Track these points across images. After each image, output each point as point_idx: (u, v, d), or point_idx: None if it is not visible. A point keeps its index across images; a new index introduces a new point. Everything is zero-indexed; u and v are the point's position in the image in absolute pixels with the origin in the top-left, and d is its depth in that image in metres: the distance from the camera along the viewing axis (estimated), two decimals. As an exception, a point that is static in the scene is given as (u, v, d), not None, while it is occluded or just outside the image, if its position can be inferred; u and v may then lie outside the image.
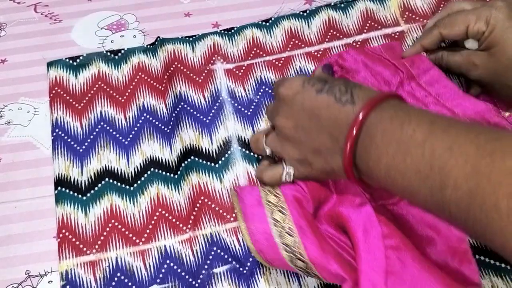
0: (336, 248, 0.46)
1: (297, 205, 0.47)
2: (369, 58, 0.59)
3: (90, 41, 0.65)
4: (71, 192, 0.54)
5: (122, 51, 0.63)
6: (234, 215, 0.53)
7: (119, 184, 0.55)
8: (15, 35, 0.66)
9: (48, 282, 0.50)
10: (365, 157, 0.41)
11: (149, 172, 0.55)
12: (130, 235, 0.52)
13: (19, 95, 0.61)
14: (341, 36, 0.64)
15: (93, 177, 0.55)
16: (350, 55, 0.59)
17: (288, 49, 0.63)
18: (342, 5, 0.66)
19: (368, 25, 0.65)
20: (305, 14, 0.66)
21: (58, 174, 0.55)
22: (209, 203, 0.53)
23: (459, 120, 0.39)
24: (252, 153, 0.56)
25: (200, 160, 0.55)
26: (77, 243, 0.51)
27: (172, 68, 0.61)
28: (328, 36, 0.64)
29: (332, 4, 0.67)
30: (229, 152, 0.56)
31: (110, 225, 0.52)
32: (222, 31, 0.65)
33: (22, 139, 0.58)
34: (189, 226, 0.52)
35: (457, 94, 0.55)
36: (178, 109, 0.58)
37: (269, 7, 0.68)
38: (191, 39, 0.64)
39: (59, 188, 0.54)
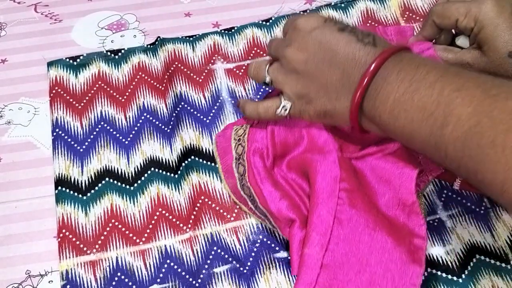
0: (289, 191, 0.49)
1: (254, 157, 0.51)
2: None
3: (90, 41, 0.65)
4: (72, 192, 0.54)
5: (123, 51, 0.63)
6: (234, 214, 0.53)
7: (119, 183, 0.55)
8: (15, 35, 0.66)
9: (49, 282, 0.50)
10: (374, 95, 0.42)
11: (149, 172, 0.55)
12: (131, 235, 0.52)
13: (19, 95, 0.61)
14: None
15: (93, 177, 0.55)
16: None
17: (288, 48, 0.63)
18: (343, 5, 0.66)
19: (368, 24, 0.65)
20: (305, 14, 0.66)
21: (58, 173, 0.55)
22: (210, 202, 0.53)
23: (470, 71, 0.41)
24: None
25: (201, 160, 0.55)
26: (78, 242, 0.51)
27: (172, 68, 0.61)
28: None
29: (333, 4, 0.67)
30: (229, 151, 0.56)
31: (110, 224, 0.52)
32: (223, 31, 0.65)
33: (22, 139, 0.58)
34: (189, 225, 0.52)
35: None
36: (178, 109, 0.58)
37: (269, 7, 0.68)
38: (191, 38, 0.64)
39: (59, 187, 0.54)
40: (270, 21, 0.65)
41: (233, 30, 0.65)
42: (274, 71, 0.49)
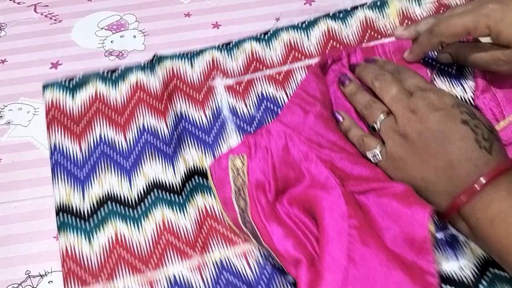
0: (293, 228, 0.48)
1: (257, 191, 0.49)
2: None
3: (90, 41, 0.65)
4: (74, 220, 0.52)
5: (119, 70, 0.61)
6: (242, 237, 0.51)
7: (122, 209, 0.53)
8: (15, 35, 0.66)
9: (48, 282, 0.50)
10: (477, 199, 0.43)
11: (153, 195, 0.54)
12: (137, 263, 0.50)
13: (19, 95, 0.61)
14: (341, 47, 0.63)
15: (95, 203, 0.53)
16: (356, 59, 0.60)
17: (289, 62, 0.62)
18: (341, 15, 0.65)
19: (368, 34, 0.64)
20: (303, 25, 0.65)
21: (59, 201, 0.53)
22: (217, 226, 0.52)
23: None
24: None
25: (205, 182, 0.54)
26: (83, 274, 0.50)
27: (171, 86, 0.60)
28: (329, 47, 0.63)
29: (331, 14, 0.65)
30: (234, 171, 0.55)
31: (115, 253, 0.51)
32: (220, 46, 0.63)
33: (22, 139, 0.58)
34: (197, 250, 0.51)
35: None
36: (179, 128, 0.57)
37: (269, 7, 0.67)
38: (189, 55, 0.62)
39: (61, 216, 0.52)
40: (269, 34, 0.64)
41: (231, 45, 0.63)
42: (386, 124, 0.51)
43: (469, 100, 0.59)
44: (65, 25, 0.67)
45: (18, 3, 0.69)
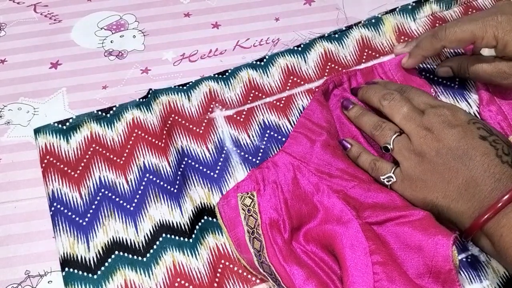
0: (313, 267, 0.46)
1: (272, 231, 0.48)
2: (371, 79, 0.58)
3: (90, 41, 0.65)
4: (80, 272, 0.50)
5: (114, 108, 0.59)
6: (260, 276, 0.49)
7: (130, 256, 0.51)
8: (15, 35, 0.66)
9: (48, 282, 0.50)
10: (503, 214, 0.42)
11: (161, 239, 0.51)
12: (152, 314, 0.48)
13: (19, 95, 0.61)
14: (340, 69, 0.62)
15: (101, 252, 0.51)
16: (357, 82, 0.59)
17: (288, 87, 0.61)
18: (337, 36, 0.64)
19: (365, 54, 0.63)
20: (299, 48, 0.63)
21: (63, 253, 0.50)
22: (231, 266, 0.50)
23: None
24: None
25: (215, 220, 0.52)
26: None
27: (170, 122, 0.58)
28: (327, 70, 0.62)
29: (326, 35, 0.64)
30: (243, 206, 0.53)
31: (128, 305, 0.48)
32: (216, 75, 0.61)
33: (22, 139, 0.58)
34: (213, 294, 0.48)
35: None
36: (182, 165, 0.55)
37: (269, 7, 0.68)
38: (185, 87, 0.60)
39: (66, 269, 0.50)
40: (264, 60, 0.62)
41: (227, 74, 0.62)
42: (400, 142, 0.49)
43: (475, 115, 0.58)
44: (65, 25, 0.67)
45: (18, 3, 0.69)
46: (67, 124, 0.58)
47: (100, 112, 0.59)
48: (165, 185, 0.54)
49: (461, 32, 0.51)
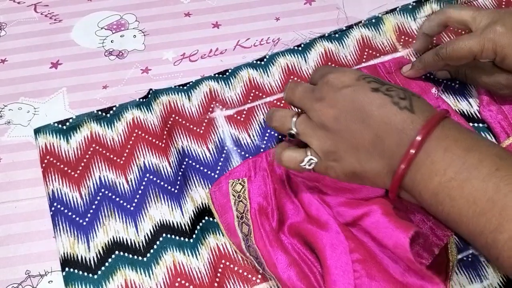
0: (296, 258, 0.47)
1: (260, 217, 0.48)
2: None
3: (90, 41, 0.66)
4: (81, 272, 0.50)
5: (114, 108, 0.59)
6: (260, 276, 0.49)
7: (130, 256, 0.51)
8: (15, 35, 0.66)
9: (48, 282, 0.50)
10: (415, 170, 0.40)
11: (161, 239, 0.51)
12: (153, 314, 0.48)
13: (19, 95, 0.61)
14: (341, 68, 0.62)
15: (101, 252, 0.51)
16: None
17: (288, 87, 0.60)
18: (337, 35, 0.64)
19: (366, 53, 0.63)
20: (300, 48, 0.63)
21: (64, 253, 0.50)
22: (232, 266, 0.50)
23: None
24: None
25: (215, 220, 0.52)
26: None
27: (170, 122, 0.58)
28: (327, 69, 0.61)
29: (326, 35, 0.64)
30: (243, 206, 0.53)
31: (129, 305, 0.48)
32: (216, 75, 0.61)
33: (22, 139, 0.58)
34: (214, 294, 0.48)
35: None
36: (183, 166, 0.55)
37: (269, 7, 0.68)
38: (185, 87, 0.60)
39: (66, 269, 0.50)
40: (265, 59, 0.62)
41: (227, 73, 0.61)
42: (301, 123, 0.46)
43: (476, 114, 0.58)
44: (65, 24, 0.67)
45: (18, 3, 0.69)
46: (67, 124, 0.58)
47: (100, 112, 0.59)
48: (166, 185, 0.54)
49: (460, 50, 0.51)
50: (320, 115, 0.44)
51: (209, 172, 0.55)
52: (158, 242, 0.51)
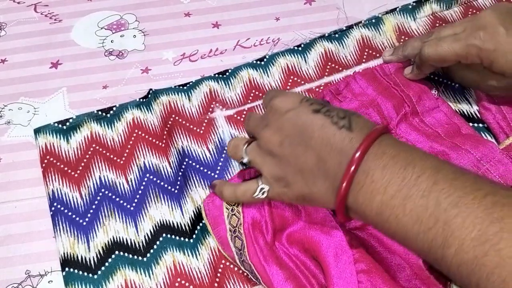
0: (294, 270, 0.46)
1: (254, 231, 0.47)
2: (376, 87, 0.57)
3: (90, 41, 0.66)
4: (81, 272, 0.50)
5: (114, 108, 0.59)
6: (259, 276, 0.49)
7: (130, 256, 0.51)
8: (15, 35, 0.66)
9: (48, 282, 0.49)
10: (356, 189, 0.39)
11: (161, 239, 0.51)
12: (153, 314, 0.48)
13: (19, 95, 0.61)
14: (340, 68, 0.62)
15: (101, 252, 0.51)
16: (358, 84, 0.58)
17: (288, 87, 0.61)
18: (337, 36, 0.64)
19: (366, 53, 0.63)
20: (300, 48, 0.63)
21: (64, 253, 0.50)
22: (232, 266, 0.50)
23: (463, 170, 0.37)
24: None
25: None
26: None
27: (170, 122, 0.58)
28: (327, 70, 0.62)
29: (326, 35, 0.64)
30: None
31: (129, 305, 0.48)
32: (216, 75, 0.61)
33: (22, 139, 0.58)
34: (214, 294, 0.48)
35: (456, 134, 0.54)
36: (183, 166, 0.55)
37: (269, 7, 0.68)
38: (185, 87, 0.60)
39: (66, 269, 0.50)
40: (265, 60, 0.62)
41: (227, 74, 0.61)
42: (252, 151, 0.46)
43: (475, 114, 0.58)
44: (65, 24, 0.67)
45: (18, 3, 0.69)
46: (67, 124, 0.58)
47: (100, 112, 0.59)
48: (166, 185, 0.54)
49: (443, 53, 0.51)
50: (267, 142, 0.44)
51: (209, 172, 0.55)
52: (158, 242, 0.51)
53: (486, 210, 0.34)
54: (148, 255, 0.51)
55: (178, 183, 0.54)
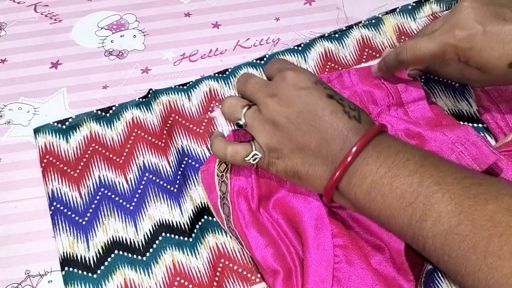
0: (275, 237, 0.47)
1: (238, 198, 0.49)
2: (367, 84, 0.57)
3: (90, 41, 0.66)
4: (80, 271, 0.50)
5: (113, 108, 0.59)
6: (259, 275, 0.49)
7: (130, 255, 0.51)
8: (15, 35, 0.66)
9: (48, 282, 0.49)
10: (351, 173, 0.42)
11: (160, 238, 0.51)
12: (152, 313, 0.48)
13: (19, 95, 0.61)
14: (340, 68, 0.62)
15: (101, 251, 0.51)
16: (350, 78, 0.58)
17: (288, 87, 0.60)
18: (337, 35, 0.64)
19: (366, 53, 0.63)
20: (300, 48, 0.63)
21: (63, 253, 0.50)
22: (231, 265, 0.50)
23: (448, 160, 0.43)
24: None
25: (215, 219, 0.52)
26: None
27: (170, 121, 0.58)
28: (327, 69, 0.61)
29: (326, 35, 0.64)
30: (243, 206, 0.53)
31: (128, 304, 0.48)
32: (216, 75, 0.61)
33: (22, 139, 0.58)
34: (213, 293, 0.48)
35: (438, 126, 0.54)
36: (183, 165, 0.55)
37: (269, 7, 0.68)
38: (185, 87, 0.60)
39: (66, 268, 0.50)
40: (264, 59, 0.62)
41: (227, 73, 0.61)
42: (251, 116, 0.46)
43: (475, 114, 0.58)
44: (65, 24, 0.67)
45: (18, 3, 0.69)
46: (67, 123, 0.58)
47: (99, 112, 0.59)
48: (165, 184, 0.54)
49: (422, 53, 0.51)
50: (272, 110, 0.44)
51: (208, 172, 0.55)
52: (157, 242, 0.51)
53: (464, 188, 0.38)
54: (148, 254, 0.51)
55: (178, 182, 0.54)
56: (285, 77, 0.45)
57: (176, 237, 0.51)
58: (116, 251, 0.51)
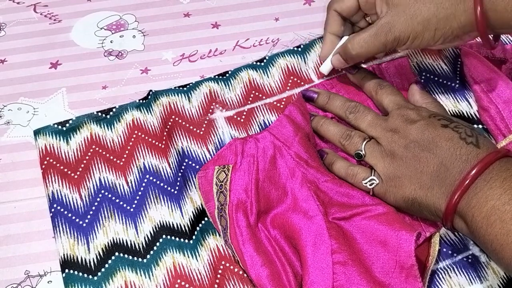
0: (271, 255, 0.47)
1: (237, 212, 0.48)
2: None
3: (89, 41, 0.66)
4: (80, 274, 0.50)
5: (114, 110, 0.59)
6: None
7: (130, 257, 0.51)
8: (15, 35, 0.66)
9: (48, 282, 0.49)
10: (471, 195, 0.42)
11: (161, 240, 0.51)
12: (153, 316, 0.48)
13: (19, 95, 0.61)
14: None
15: (101, 254, 0.51)
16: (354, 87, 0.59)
17: (288, 88, 0.61)
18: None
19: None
20: (299, 49, 0.63)
21: (64, 255, 0.50)
22: (232, 267, 0.50)
23: None
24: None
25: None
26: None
27: (170, 123, 0.58)
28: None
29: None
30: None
31: (128, 306, 0.48)
32: (217, 76, 0.61)
33: (22, 139, 0.58)
34: (214, 296, 0.48)
35: None
36: (183, 167, 0.55)
37: (269, 7, 0.68)
38: (185, 89, 0.60)
39: (66, 270, 0.50)
40: (265, 60, 0.62)
41: (227, 75, 0.61)
42: (370, 148, 0.51)
43: (475, 115, 0.58)
44: (64, 25, 0.67)
45: (18, 3, 0.69)
46: (67, 125, 0.58)
47: (100, 113, 0.59)
48: (165, 186, 0.54)
49: (368, 52, 0.54)
50: (391, 142, 0.49)
51: (209, 173, 0.55)
52: (158, 244, 0.51)
53: None
54: (148, 256, 0.51)
55: (178, 184, 0.54)
56: (403, 115, 0.50)
57: (177, 239, 0.51)
58: (116, 253, 0.51)
